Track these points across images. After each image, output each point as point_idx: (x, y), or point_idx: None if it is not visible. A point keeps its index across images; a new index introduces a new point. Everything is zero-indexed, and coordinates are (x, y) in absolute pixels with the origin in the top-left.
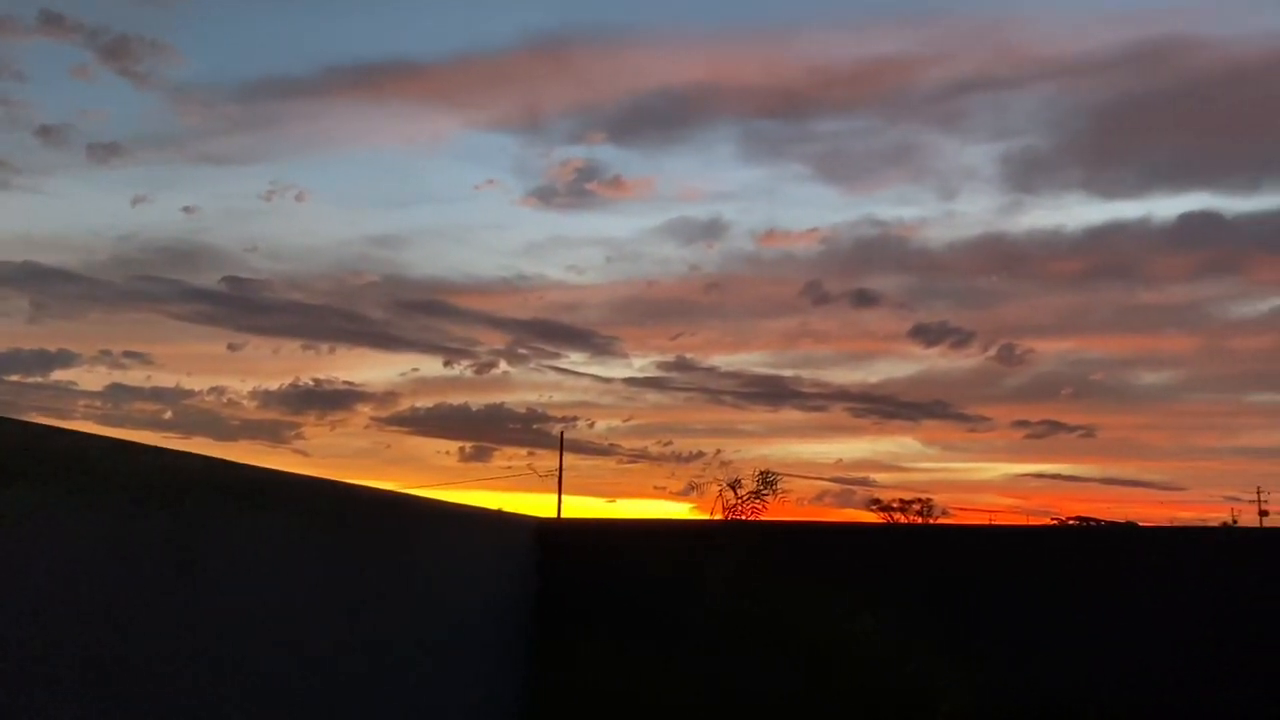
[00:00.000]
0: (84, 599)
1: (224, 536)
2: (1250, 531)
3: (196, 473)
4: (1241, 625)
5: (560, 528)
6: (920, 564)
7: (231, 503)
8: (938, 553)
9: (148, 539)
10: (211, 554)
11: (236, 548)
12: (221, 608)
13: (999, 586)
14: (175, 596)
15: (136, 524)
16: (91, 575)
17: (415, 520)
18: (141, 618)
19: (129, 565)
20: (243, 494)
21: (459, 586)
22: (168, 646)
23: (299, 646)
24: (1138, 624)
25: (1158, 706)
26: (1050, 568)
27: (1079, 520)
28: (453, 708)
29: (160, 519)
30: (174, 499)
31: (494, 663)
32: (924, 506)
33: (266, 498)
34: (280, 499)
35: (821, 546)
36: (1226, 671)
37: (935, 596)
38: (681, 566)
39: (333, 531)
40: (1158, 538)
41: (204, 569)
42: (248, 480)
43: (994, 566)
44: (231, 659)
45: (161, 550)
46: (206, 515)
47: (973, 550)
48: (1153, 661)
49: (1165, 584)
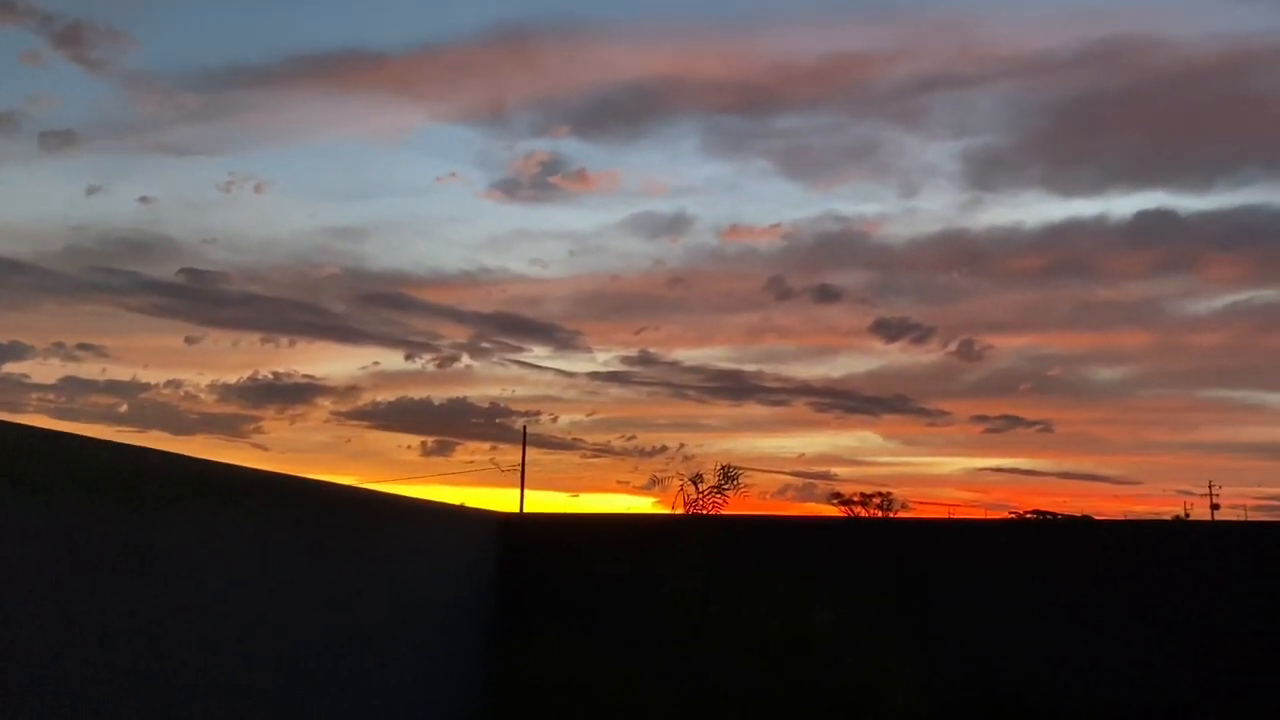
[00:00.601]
0: (36, 598)
1: (183, 532)
2: (1201, 525)
3: (153, 468)
4: (1192, 618)
5: (523, 523)
6: (878, 558)
7: (190, 498)
8: (896, 547)
9: (103, 536)
10: (170, 550)
11: (195, 544)
12: (180, 604)
13: (955, 581)
14: (132, 594)
15: (91, 521)
16: (43, 574)
17: (376, 515)
18: (97, 615)
19: (83, 563)
20: (201, 489)
21: (421, 582)
22: (125, 644)
23: (259, 642)
24: (1092, 617)
25: (1111, 700)
26: (1006, 561)
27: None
28: (416, 702)
29: (116, 515)
30: (131, 495)
31: (457, 657)
32: (884, 500)
33: (225, 493)
34: (240, 494)
35: (781, 540)
36: (1179, 664)
37: (893, 591)
38: (642, 561)
39: (293, 527)
40: (1112, 531)
41: (162, 565)
42: (206, 475)
43: (951, 561)
44: (190, 656)
45: (118, 547)
46: (164, 511)
47: (930, 544)
48: (1106, 655)
49: (1118, 578)
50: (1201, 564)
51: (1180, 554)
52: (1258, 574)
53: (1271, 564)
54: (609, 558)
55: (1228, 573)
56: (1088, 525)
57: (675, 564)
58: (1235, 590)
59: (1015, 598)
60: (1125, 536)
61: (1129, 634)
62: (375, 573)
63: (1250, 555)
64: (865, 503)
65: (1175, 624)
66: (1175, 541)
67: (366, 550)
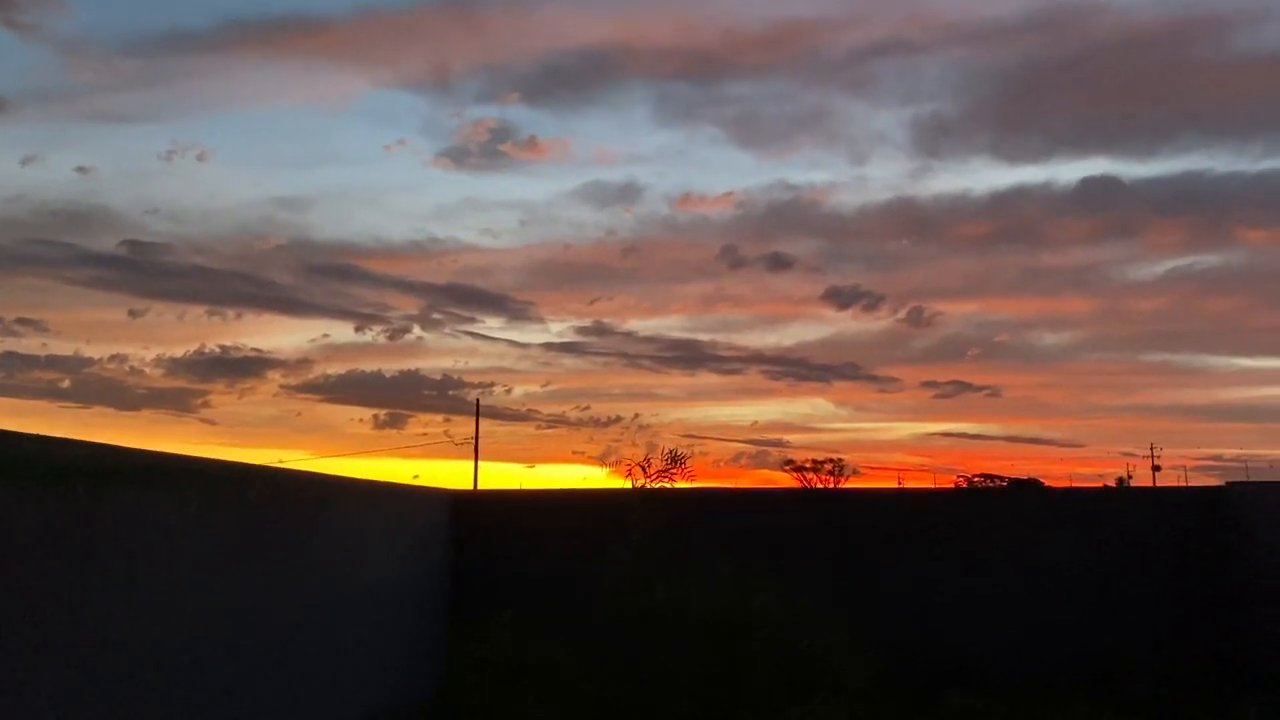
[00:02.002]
0: None
1: (119, 524)
2: (1135, 490)
3: (83, 460)
4: (1129, 580)
5: (475, 500)
6: (822, 528)
7: (126, 489)
8: (839, 516)
9: (32, 530)
10: (106, 543)
11: (133, 535)
12: (120, 596)
13: (898, 549)
14: (67, 587)
15: (17, 516)
16: None
17: (324, 498)
18: (29, 611)
19: (12, 558)
20: (138, 479)
21: (372, 563)
22: (61, 637)
23: (205, 630)
24: (1033, 582)
25: (1053, 661)
26: (948, 530)
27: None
28: (370, 680)
29: (46, 510)
30: (61, 488)
31: (411, 637)
32: (835, 466)
33: (165, 482)
34: (180, 483)
35: (729, 514)
36: (1118, 626)
37: (836, 559)
38: (592, 537)
39: (237, 513)
40: (1050, 498)
41: (99, 558)
42: (143, 465)
43: (893, 529)
44: (133, 646)
45: (49, 541)
46: (98, 503)
47: (873, 514)
48: (1047, 618)
49: (1058, 543)
50: (1136, 528)
51: (1116, 519)
52: (1189, 537)
53: (1201, 527)
54: (560, 535)
55: (1162, 537)
56: (1026, 492)
57: (625, 544)
58: (1169, 553)
59: (958, 565)
60: (1063, 503)
61: (1069, 598)
62: (324, 556)
63: (1182, 519)
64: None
65: (1113, 587)
66: (1111, 507)
67: (314, 534)
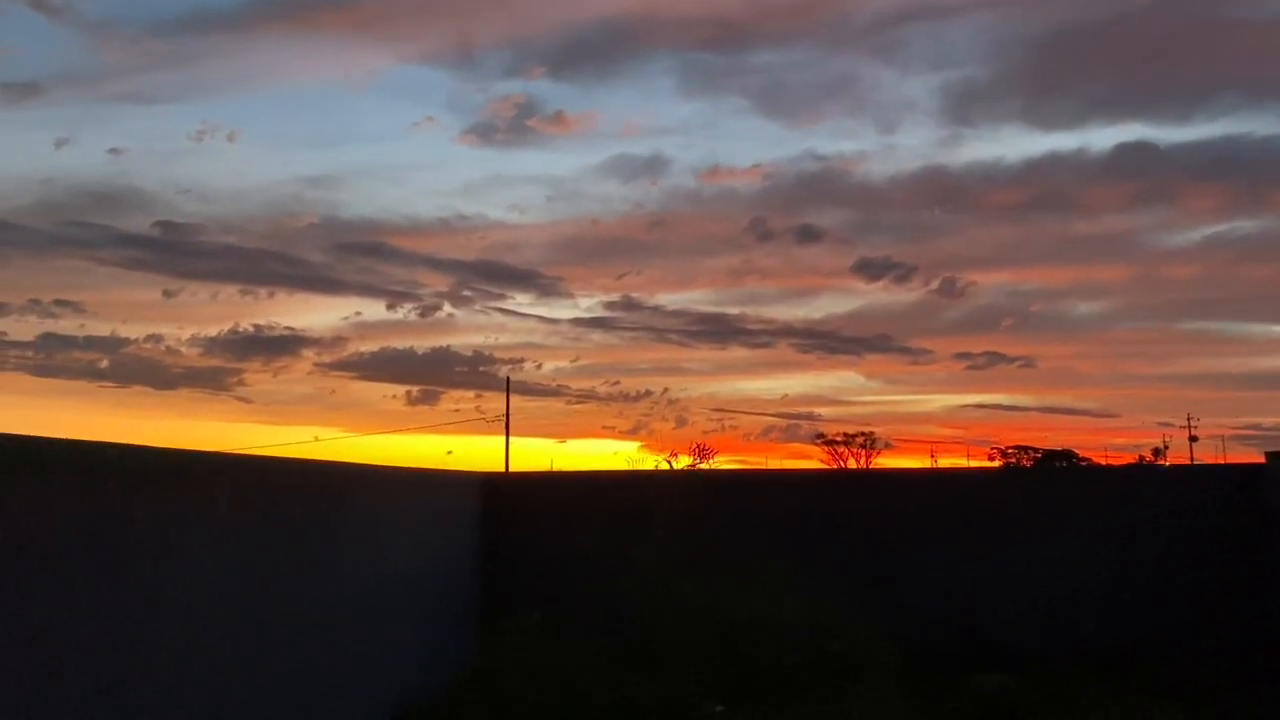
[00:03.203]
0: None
1: (148, 524)
2: (1165, 469)
3: (112, 462)
4: (1157, 559)
5: (506, 484)
6: (851, 511)
7: (154, 489)
8: (868, 496)
9: (64, 535)
10: (135, 544)
11: (162, 535)
12: (149, 596)
13: (926, 531)
14: (98, 590)
15: (49, 521)
16: (3, 578)
17: (351, 487)
18: (63, 615)
19: (45, 564)
20: (166, 479)
21: (401, 550)
22: (93, 639)
23: (235, 627)
24: (1059, 560)
25: (1079, 640)
26: (974, 509)
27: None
28: (397, 670)
29: (76, 514)
30: (91, 491)
31: (440, 623)
32: (867, 439)
33: (192, 481)
34: (207, 480)
35: (756, 498)
36: (1145, 605)
37: (866, 541)
38: (620, 529)
39: (265, 508)
40: (1078, 476)
41: (129, 560)
42: (171, 465)
43: (921, 511)
44: (163, 646)
45: (79, 545)
46: (127, 505)
47: (900, 495)
48: (1073, 597)
49: (1085, 521)
50: (1171, 506)
51: (1150, 497)
52: (1225, 515)
53: (1238, 504)
54: (588, 517)
55: (1197, 514)
56: (1058, 470)
57: (651, 541)
58: (1204, 531)
59: (988, 545)
60: (1096, 480)
61: (1102, 578)
62: (352, 546)
63: (1219, 496)
64: (849, 442)
65: (1147, 567)
66: (1145, 484)
67: (342, 524)
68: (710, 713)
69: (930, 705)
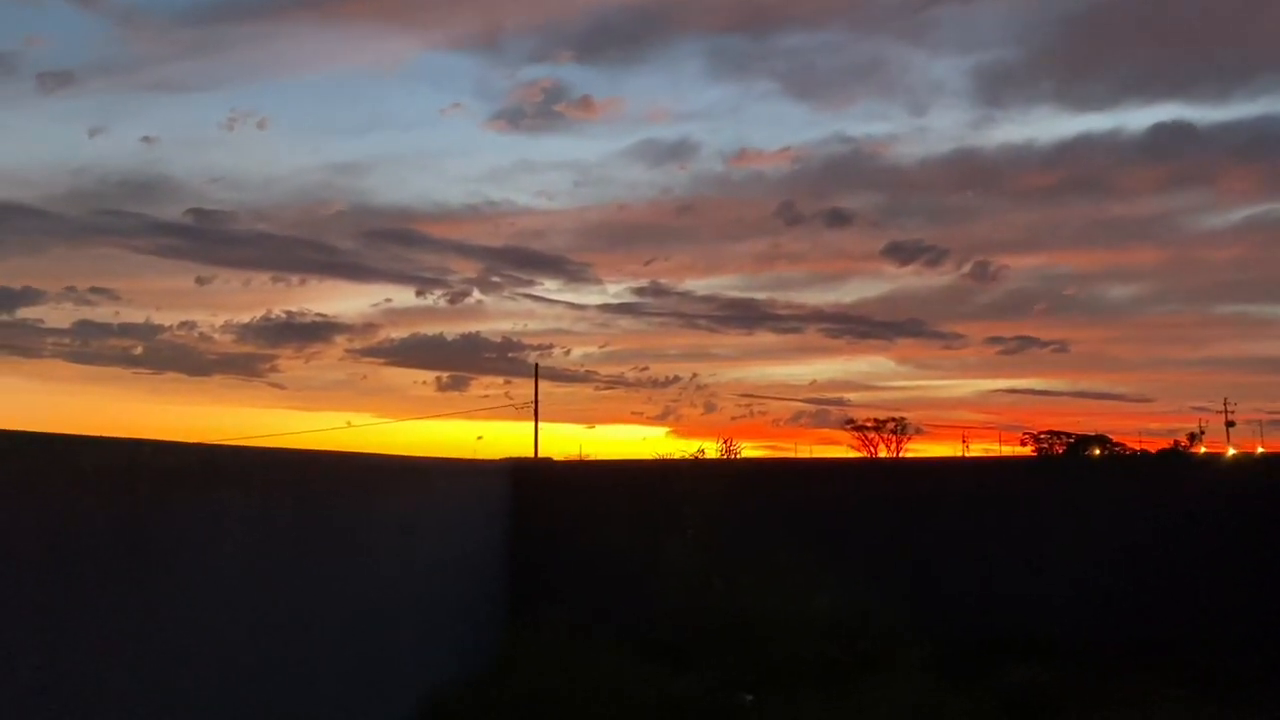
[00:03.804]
0: (33, 604)
1: (182, 520)
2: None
3: (146, 459)
4: (1195, 549)
5: (535, 473)
6: (882, 500)
7: (188, 486)
8: (899, 486)
9: (98, 533)
10: (170, 540)
11: (196, 530)
12: (184, 591)
13: (957, 518)
14: (133, 587)
15: (84, 519)
16: (39, 577)
17: (382, 479)
18: (96, 613)
19: (80, 562)
20: (200, 475)
21: (432, 541)
22: (130, 637)
23: (269, 619)
24: (1094, 549)
25: (1114, 629)
26: (1007, 497)
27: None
28: (430, 662)
29: (111, 511)
30: (125, 489)
31: (470, 614)
32: (897, 425)
33: (225, 476)
34: (240, 476)
35: (788, 489)
36: (1180, 595)
37: (897, 531)
38: (650, 521)
39: (297, 501)
40: (1114, 464)
41: (162, 556)
42: (204, 461)
43: (953, 499)
44: (198, 640)
45: (114, 542)
46: (162, 501)
47: (933, 483)
48: (1108, 585)
49: (1121, 510)
50: (1204, 493)
51: (1184, 484)
52: (1260, 502)
53: (1272, 491)
54: (616, 506)
55: (1231, 502)
56: (1090, 458)
57: (682, 537)
58: (1239, 519)
59: (1020, 533)
60: (1128, 468)
61: (1135, 566)
62: (385, 538)
63: (1253, 483)
64: (879, 428)
65: (1180, 554)
66: (1179, 471)
67: (374, 516)
68: (740, 703)
69: (961, 695)
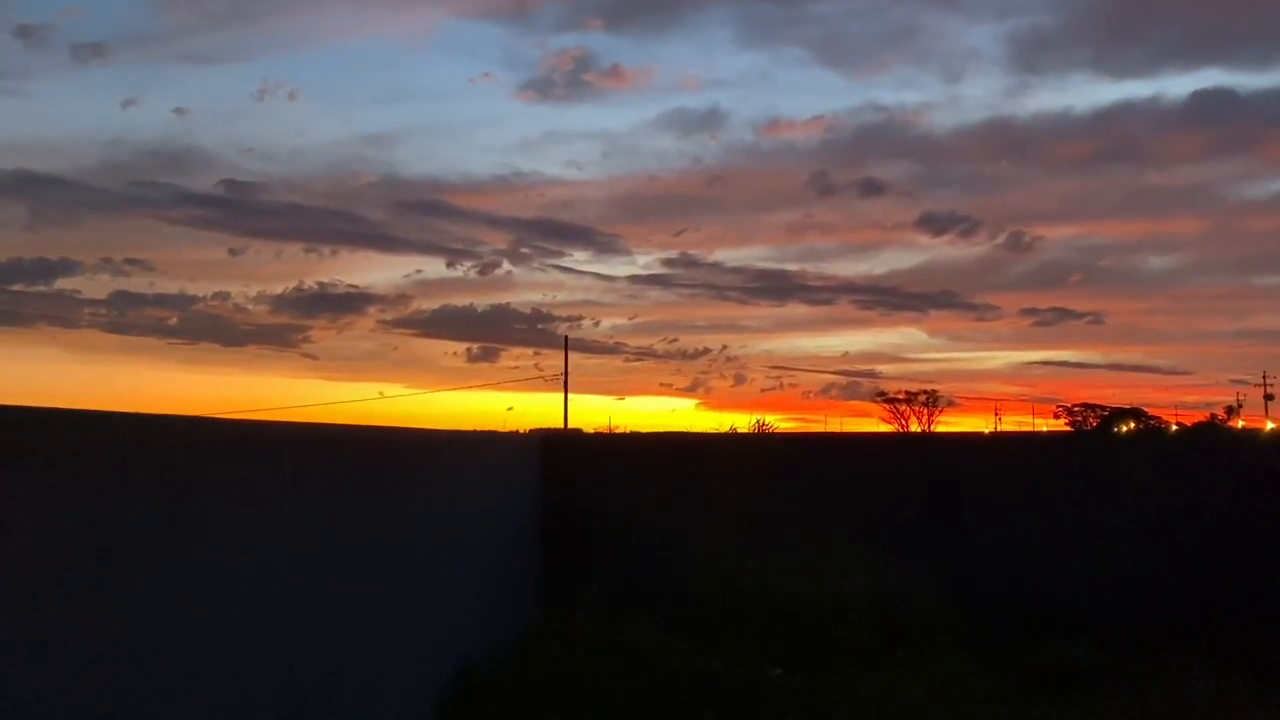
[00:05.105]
0: (74, 582)
1: (217, 497)
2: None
3: (181, 435)
4: (1226, 529)
5: (565, 445)
6: (912, 475)
7: (222, 462)
8: (929, 462)
9: (136, 510)
10: (205, 516)
11: (231, 507)
12: (220, 569)
13: (987, 493)
14: (171, 565)
15: (122, 496)
16: (79, 556)
17: (413, 453)
18: (137, 591)
19: (119, 539)
20: (233, 451)
21: (463, 515)
22: (168, 618)
23: (303, 595)
24: (1125, 528)
25: (1146, 609)
26: (1040, 473)
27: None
28: (464, 629)
29: (148, 488)
30: (162, 465)
31: (504, 583)
32: (929, 398)
33: (259, 451)
34: (273, 451)
35: (816, 464)
36: (1213, 575)
37: (926, 507)
38: (680, 495)
39: (330, 476)
40: (1145, 441)
41: (199, 532)
42: (238, 436)
43: (983, 475)
44: (234, 619)
45: (152, 520)
46: (197, 478)
47: (962, 458)
48: (1138, 565)
49: (1152, 488)
50: (1240, 469)
51: (1219, 459)
52: None
53: None
54: (647, 479)
55: (1268, 477)
56: (1124, 433)
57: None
58: (1271, 496)
59: (1052, 510)
60: (1163, 443)
61: (1169, 543)
62: (415, 512)
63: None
64: (910, 401)
65: (1215, 531)
66: (1214, 446)
67: (406, 491)
68: (769, 677)
69: (992, 671)
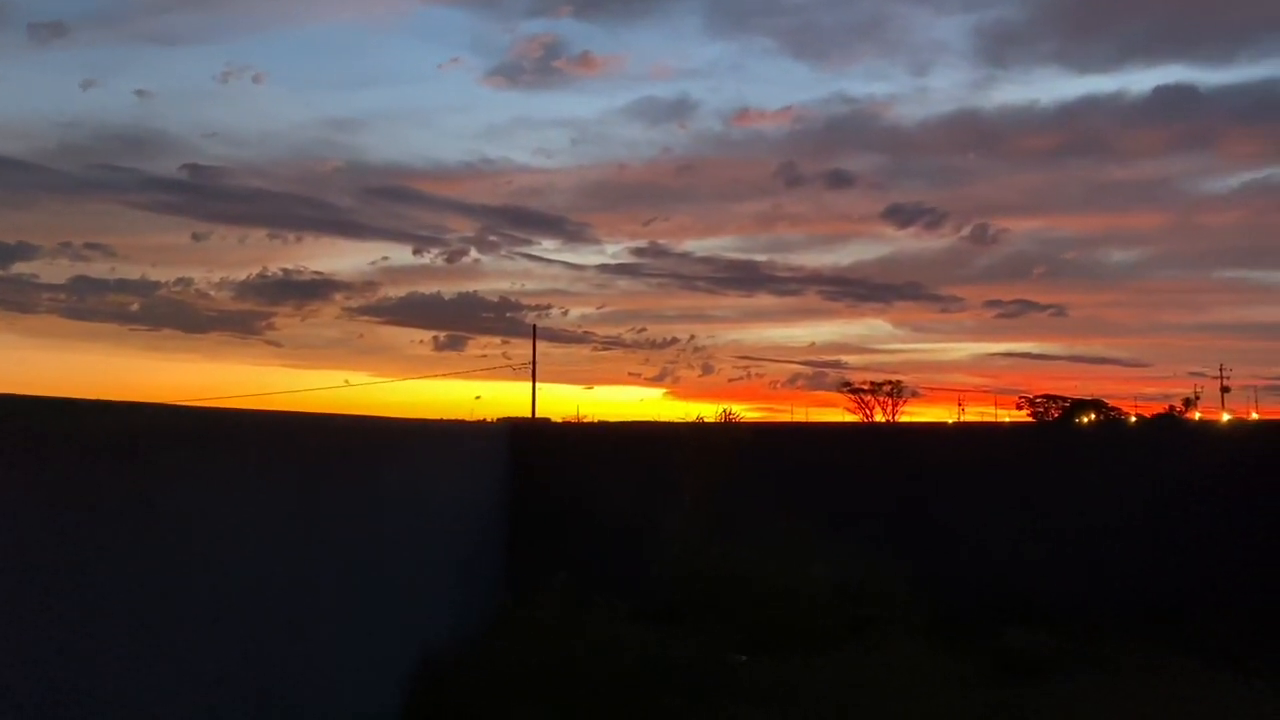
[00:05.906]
0: (36, 571)
1: (183, 485)
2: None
3: (147, 422)
4: (1193, 515)
5: (531, 436)
6: (879, 466)
7: (189, 450)
8: (899, 454)
9: (100, 498)
10: (171, 505)
11: (197, 495)
12: (185, 558)
13: (957, 484)
14: (135, 553)
15: (87, 483)
16: (42, 545)
17: (379, 443)
18: (100, 579)
19: (82, 527)
20: (200, 439)
21: (430, 506)
22: (133, 606)
23: (270, 585)
24: (1093, 515)
25: (1113, 595)
26: (1006, 463)
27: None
28: (430, 619)
29: (113, 476)
30: (127, 453)
31: (470, 574)
32: (894, 388)
33: (226, 440)
34: (241, 439)
35: (782, 453)
36: (1180, 560)
37: (894, 497)
38: (648, 482)
39: (298, 465)
40: (1112, 430)
41: (164, 521)
42: (205, 424)
43: (950, 465)
44: (199, 608)
45: (116, 508)
46: (163, 466)
47: (932, 449)
48: (1106, 552)
49: (1120, 476)
50: (1202, 460)
51: (1182, 450)
52: (1259, 469)
53: (1271, 458)
54: (615, 469)
55: (1230, 468)
56: (1088, 423)
57: (679, 499)
58: (1238, 485)
59: (1017, 499)
60: (1127, 434)
61: (1134, 532)
62: (382, 502)
63: (1252, 450)
64: (875, 391)
65: (1179, 521)
66: (1177, 437)
67: (372, 480)
68: (734, 663)
69: (957, 659)
